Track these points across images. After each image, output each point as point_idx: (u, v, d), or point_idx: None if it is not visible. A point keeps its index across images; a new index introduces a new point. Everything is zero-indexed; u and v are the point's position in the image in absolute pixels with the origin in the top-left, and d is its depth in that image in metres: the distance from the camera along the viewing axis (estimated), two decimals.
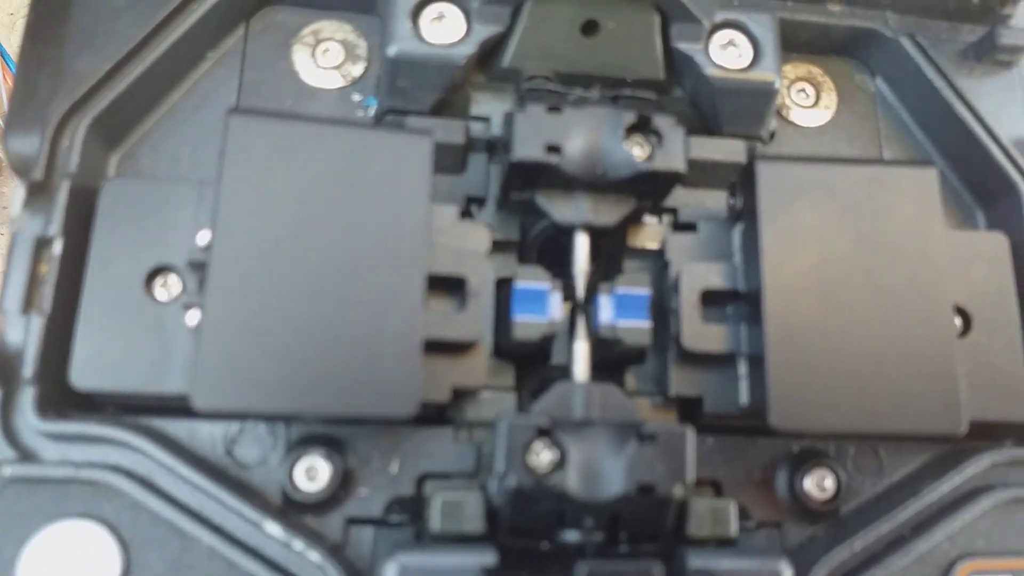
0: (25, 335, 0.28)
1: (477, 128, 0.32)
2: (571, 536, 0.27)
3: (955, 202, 0.36)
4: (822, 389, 0.28)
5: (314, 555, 0.27)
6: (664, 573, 0.24)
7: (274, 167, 0.26)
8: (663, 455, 0.27)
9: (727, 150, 0.33)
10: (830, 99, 0.36)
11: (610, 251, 0.33)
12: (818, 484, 0.31)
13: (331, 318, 0.26)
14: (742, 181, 0.30)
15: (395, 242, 0.27)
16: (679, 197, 0.33)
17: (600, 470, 0.27)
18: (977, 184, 0.35)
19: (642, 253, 0.33)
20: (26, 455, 0.27)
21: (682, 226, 0.33)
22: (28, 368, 0.27)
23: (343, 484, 0.29)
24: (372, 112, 0.33)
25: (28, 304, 0.28)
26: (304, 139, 0.27)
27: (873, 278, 0.29)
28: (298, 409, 0.25)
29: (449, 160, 0.32)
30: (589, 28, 0.32)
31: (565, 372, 0.31)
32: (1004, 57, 0.36)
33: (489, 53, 0.32)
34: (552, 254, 0.32)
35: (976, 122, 0.35)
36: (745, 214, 0.30)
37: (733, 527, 0.28)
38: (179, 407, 0.28)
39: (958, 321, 0.32)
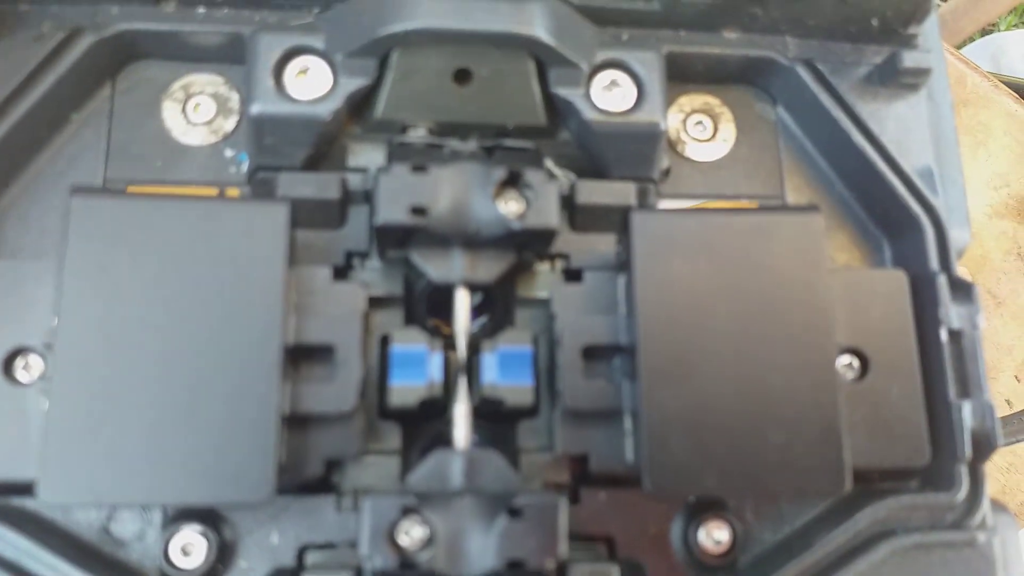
0: None
1: (355, 180, 0.32)
2: None
3: (861, 234, 0.36)
4: (700, 449, 0.28)
5: None
6: None
7: (120, 246, 0.26)
8: (534, 528, 0.27)
9: (616, 193, 0.32)
10: (728, 131, 0.36)
11: (500, 301, 0.33)
12: (711, 536, 0.31)
13: (183, 402, 0.26)
14: (620, 232, 0.30)
15: (250, 317, 0.27)
16: (570, 242, 0.33)
17: (470, 547, 0.27)
18: (882, 216, 0.35)
19: (533, 302, 0.33)
20: None
21: (572, 273, 0.33)
22: None
23: (221, 558, 0.29)
24: (244, 167, 0.32)
25: None
26: (151, 216, 0.27)
27: (753, 330, 0.29)
28: (149, 499, 0.25)
29: (326, 215, 0.31)
30: (461, 76, 0.31)
31: (446, 445, 0.31)
32: (909, 80, 0.36)
33: (362, 104, 0.32)
34: (438, 309, 0.32)
35: (877, 153, 0.34)
36: (626, 267, 0.30)
37: None
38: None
39: (855, 363, 0.32)
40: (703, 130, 0.36)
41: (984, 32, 1.30)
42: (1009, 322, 0.75)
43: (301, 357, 0.29)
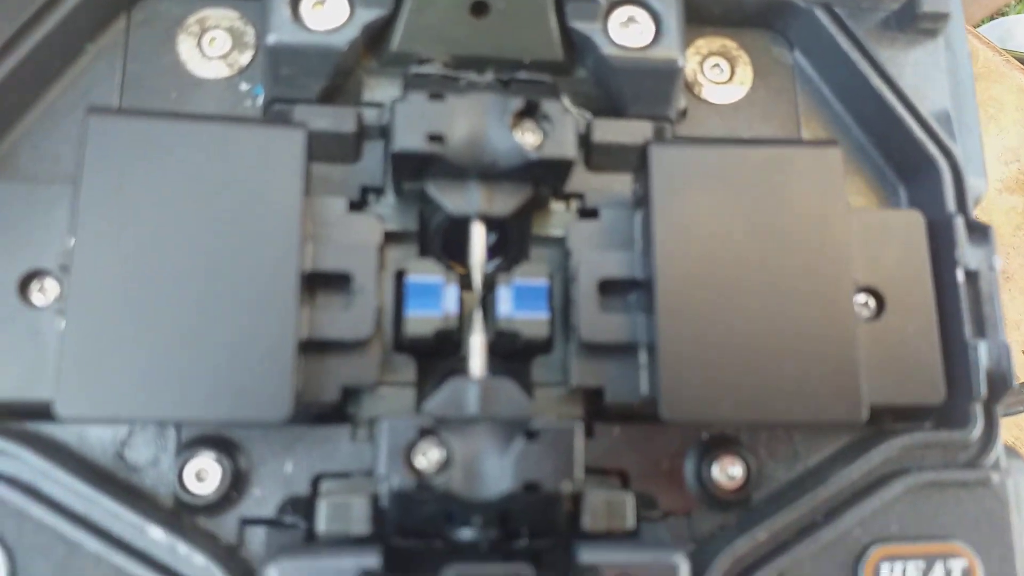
0: None
1: (371, 115, 0.32)
2: (465, 534, 0.28)
3: (877, 178, 0.36)
4: (716, 379, 0.28)
5: (199, 559, 0.27)
6: (534, 573, 0.25)
7: (137, 167, 0.26)
8: (550, 452, 0.27)
9: (632, 132, 0.33)
10: (745, 74, 0.36)
11: (516, 239, 0.33)
12: (725, 472, 0.32)
13: (200, 321, 0.26)
14: (637, 167, 0.30)
15: (267, 240, 0.27)
16: (586, 182, 0.33)
17: (486, 469, 0.27)
18: (898, 160, 0.35)
19: (548, 241, 0.33)
20: None
21: (588, 212, 0.33)
22: None
23: (235, 485, 0.29)
24: (260, 101, 0.32)
25: None
26: (168, 137, 0.27)
27: (771, 263, 0.29)
28: (166, 416, 0.26)
29: (341, 149, 0.32)
30: (478, 9, 0.31)
31: (462, 373, 0.31)
32: (927, 25, 0.36)
33: (378, 37, 0.32)
34: (453, 244, 0.32)
35: (895, 96, 0.34)
36: (642, 201, 0.30)
37: (630, 520, 0.28)
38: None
39: (871, 302, 0.32)
40: (720, 73, 0.36)
41: (993, 17, 1.30)
42: (1017, 296, 0.75)
43: (318, 285, 0.29)
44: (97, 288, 0.26)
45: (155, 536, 0.27)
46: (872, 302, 0.32)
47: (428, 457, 0.27)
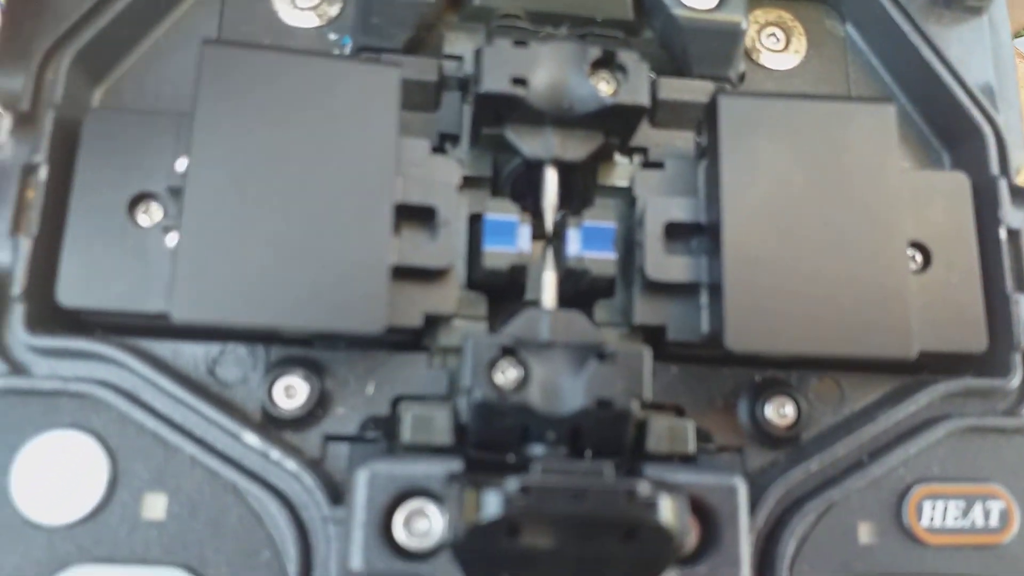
0: (13, 256, 0.30)
1: (450, 67, 0.34)
2: (535, 450, 0.30)
3: (922, 144, 0.38)
4: (777, 314, 0.30)
5: (290, 464, 0.29)
6: (614, 472, 0.27)
7: (247, 96, 0.29)
8: (622, 373, 0.29)
9: (695, 90, 0.35)
10: (800, 43, 0.38)
11: (581, 188, 0.35)
12: (778, 411, 0.34)
13: (302, 240, 0.28)
14: (706, 117, 0.33)
15: (365, 169, 0.29)
16: (649, 137, 0.35)
17: (561, 387, 0.29)
18: (943, 127, 0.38)
19: (612, 190, 0.35)
20: (17, 368, 0.30)
21: (651, 164, 0.35)
22: (17, 286, 0.30)
23: (320, 403, 0.32)
24: (347, 51, 0.35)
25: (16, 227, 0.30)
26: (277, 69, 0.29)
27: (830, 210, 0.31)
28: (270, 322, 0.28)
29: (422, 97, 0.34)
30: None
31: (534, 306, 0.33)
32: (972, 3, 0.38)
33: None
34: (524, 190, 0.35)
35: (943, 67, 0.37)
36: (708, 149, 0.33)
37: (691, 444, 0.31)
38: (162, 327, 0.31)
39: (918, 256, 0.34)
40: (776, 41, 0.38)
41: (1018, 35, 1.33)
42: None
43: (403, 216, 0.31)
44: (209, 206, 0.28)
45: (250, 441, 0.30)
46: (919, 256, 0.34)
47: (507, 376, 0.29)
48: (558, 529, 0.25)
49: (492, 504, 0.25)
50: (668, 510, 0.25)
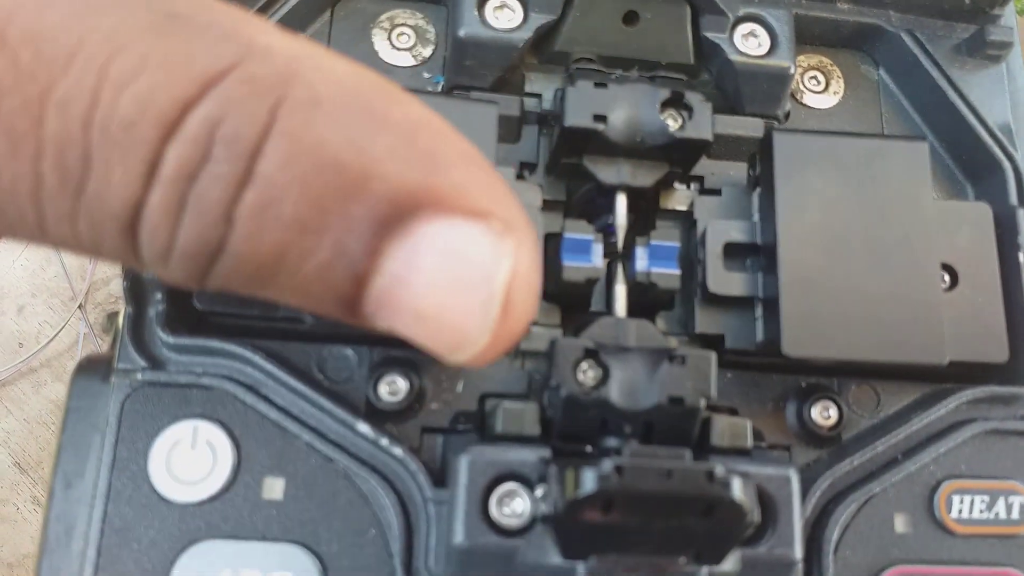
0: None
1: (530, 103, 0.39)
2: (611, 442, 0.34)
3: (948, 178, 0.43)
4: (827, 324, 0.35)
5: (398, 450, 0.34)
6: (692, 457, 0.31)
7: None
8: (691, 373, 0.33)
9: (748, 126, 0.40)
10: (838, 86, 0.43)
11: (645, 212, 0.40)
12: (822, 413, 0.38)
13: None
14: (761, 150, 0.37)
15: None
16: (706, 167, 0.40)
17: (637, 385, 0.33)
18: (967, 162, 0.42)
19: (672, 214, 0.40)
20: (155, 363, 0.34)
21: (708, 191, 0.40)
22: (158, 291, 0.34)
23: (417, 399, 0.36)
24: (440, 88, 0.40)
25: None
26: None
27: (871, 234, 0.36)
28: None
29: (507, 130, 0.39)
30: (629, 18, 0.39)
31: (603, 316, 0.37)
32: (993, 52, 0.43)
33: (542, 38, 0.39)
34: (593, 214, 0.39)
35: (967, 108, 0.42)
36: (762, 179, 0.37)
37: (749, 440, 0.35)
38: (278, 329, 0.35)
39: (946, 277, 0.39)
40: (817, 84, 0.43)
41: None
42: None
43: None
44: None
45: (363, 430, 0.34)
46: (948, 277, 0.39)
47: (588, 375, 0.34)
48: (646, 505, 0.29)
49: (589, 481, 0.29)
50: (741, 489, 0.29)
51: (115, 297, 1.04)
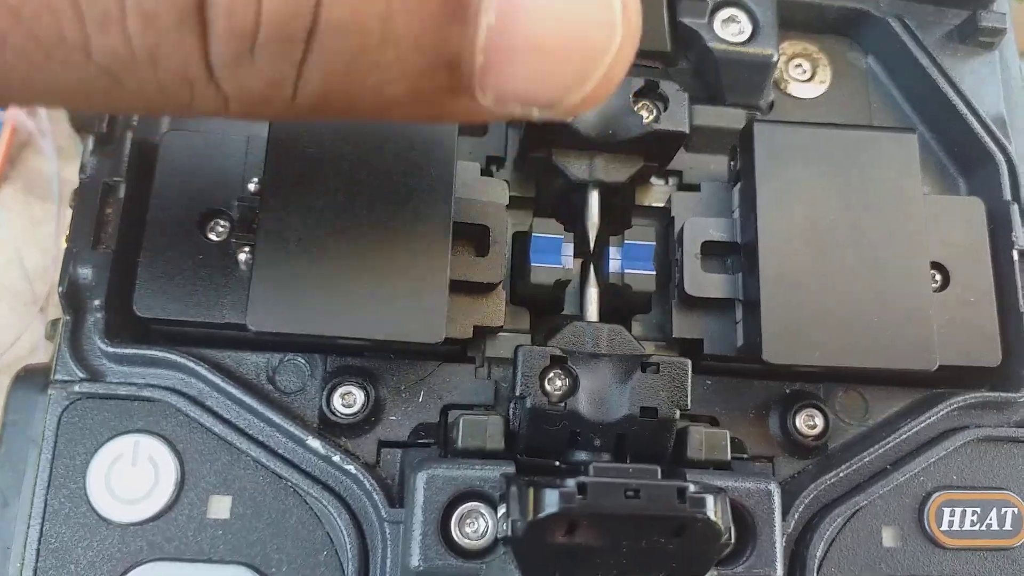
0: (94, 269, 0.32)
1: None
2: (580, 456, 0.32)
3: (939, 171, 0.41)
4: (810, 329, 0.33)
5: (351, 467, 0.32)
6: (663, 473, 0.29)
7: (319, 129, 0.31)
8: (665, 383, 0.31)
9: (728, 117, 0.38)
10: (825, 74, 0.41)
11: (619, 208, 0.38)
12: (807, 422, 0.36)
13: (368, 258, 0.31)
14: (741, 142, 0.35)
15: (426, 192, 0.32)
16: (684, 161, 0.38)
17: (608, 395, 0.31)
18: (959, 154, 0.40)
19: (649, 211, 0.38)
20: (94, 375, 0.32)
21: (686, 187, 0.38)
22: (96, 298, 0.32)
23: (374, 411, 0.34)
24: None
25: (96, 241, 0.32)
26: None
27: (858, 232, 0.34)
28: (337, 332, 0.30)
29: (471, 123, 0.36)
30: None
31: (575, 320, 0.35)
32: (985, 39, 0.41)
33: None
34: (564, 211, 0.37)
35: (959, 98, 0.40)
36: (743, 173, 0.35)
37: (728, 452, 0.33)
38: (227, 338, 0.33)
39: (937, 276, 0.37)
40: (803, 72, 0.41)
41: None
42: None
43: (457, 235, 0.34)
44: (281, 224, 0.31)
45: (313, 446, 0.32)
46: (939, 276, 0.37)
47: (556, 384, 0.32)
48: (612, 525, 0.27)
49: (551, 501, 0.27)
50: (716, 507, 0.27)
51: None
